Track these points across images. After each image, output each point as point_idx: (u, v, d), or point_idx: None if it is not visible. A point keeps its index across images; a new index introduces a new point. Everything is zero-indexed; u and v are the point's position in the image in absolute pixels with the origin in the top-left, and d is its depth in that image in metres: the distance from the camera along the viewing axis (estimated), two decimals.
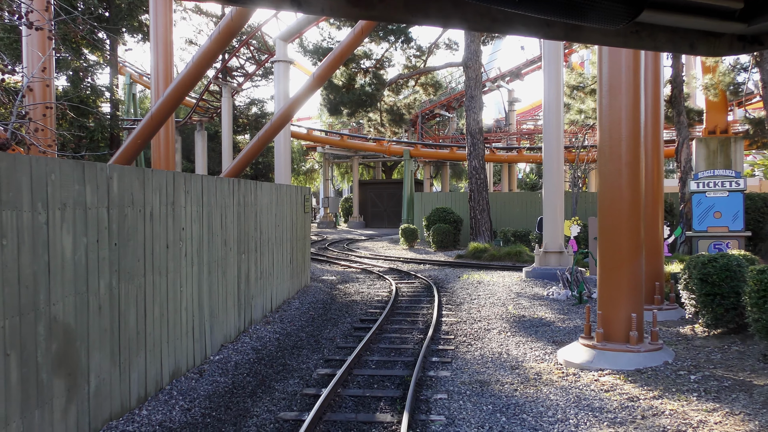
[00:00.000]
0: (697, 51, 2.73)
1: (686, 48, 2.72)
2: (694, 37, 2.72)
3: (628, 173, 7.95)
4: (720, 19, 2.48)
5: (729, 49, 2.70)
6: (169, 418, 6.34)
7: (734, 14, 2.46)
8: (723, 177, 18.42)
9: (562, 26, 2.58)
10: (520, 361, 8.22)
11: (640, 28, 2.63)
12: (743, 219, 17.65)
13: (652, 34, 2.65)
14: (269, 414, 6.50)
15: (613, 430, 5.58)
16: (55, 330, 5.23)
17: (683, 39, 2.70)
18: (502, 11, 2.43)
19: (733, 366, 7.30)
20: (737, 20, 2.46)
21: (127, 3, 27.61)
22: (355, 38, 14.54)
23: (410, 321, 11.24)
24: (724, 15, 2.46)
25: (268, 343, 9.61)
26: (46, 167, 5.14)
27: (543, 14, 2.19)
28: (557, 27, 2.58)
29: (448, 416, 6.21)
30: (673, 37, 2.68)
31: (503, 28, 2.53)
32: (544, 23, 2.55)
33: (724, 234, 18.17)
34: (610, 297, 8.02)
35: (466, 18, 2.42)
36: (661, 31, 2.64)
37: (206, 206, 8.54)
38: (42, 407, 5.03)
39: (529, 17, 2.48)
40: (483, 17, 2.45)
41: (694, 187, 17.88)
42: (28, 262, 4.88)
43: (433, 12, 2.36)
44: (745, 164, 49.56)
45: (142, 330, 6.73)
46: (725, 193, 18.40)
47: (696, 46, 2.71)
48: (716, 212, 18.44)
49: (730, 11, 2.44)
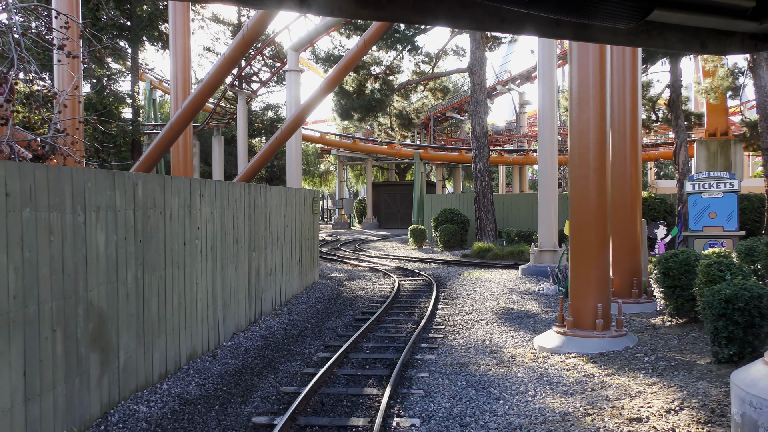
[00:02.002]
0: (708, 50, 2.68)
1: (697, 47, 2.68)
2: (705, 35, 2.67)
3: (595, 177, 8.83)
4: (731, 18, 2.44)
5: (740, 47, 2.64)
6: (186, 391, 7.36)
7: (746, 13, 2.43)
8: (718, 179, 19.04)
9: (572, 26, 2.56)
10: (500, 347, 9.14)
11: (651, 27, 2.59)
12: (737, 219, 18.29)
13: (663, 33, 2.61)
14: (272, 388, 7.50)
15: (563, 399, 6.50)
16: (91, 312, 6.27)
17: (694, 38, 2.67)
18: (512, 11, 2.41)
19: (684, 349, 8.16)
20: (749, 19, 2.43)
21: (148, 14, 28.88)
22: (359, 50, 15.54)
23: (407, 314, 12.20)
24: (736, 13, 2.43)
25: (276, 332, 10.62)
26: (84, 176, 6.19)
27: (553, 14, 2.16)
28: (566, 27, 2.56)
29: (426, 390, 7.16)
30: (684, 36, 2.64)
31: (512, 28, 2.51)
32: (553, 23, 2.54)
33: (718, 233, 18.83)
34: (580, 289, 8.91)
35: (475, 18, 2.41)
36: (672, 30, 2.61)
37: (219, 208, 9.58)
38: (81, 376, 6.07)
39: (538, 17, 2.46)
40: (492, 17, 2.43)
41: (690, 189, 18.52)
42: (70, 254, 5.93)
43: (442, 13, 2.36)
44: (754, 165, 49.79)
45: (163, 316, 7.77)
46: (720, 194, 19.02)
47: (707, 45, 2.66)
48: (711, 212, 19.07)
49: (742, 10, 2.41)
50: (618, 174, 11.66)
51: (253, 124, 37.75)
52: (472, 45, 24.78)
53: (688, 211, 19.33)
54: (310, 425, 6.21)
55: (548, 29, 2.53)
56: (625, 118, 11.66)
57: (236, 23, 35.87)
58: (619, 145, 11.71)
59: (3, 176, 5.03)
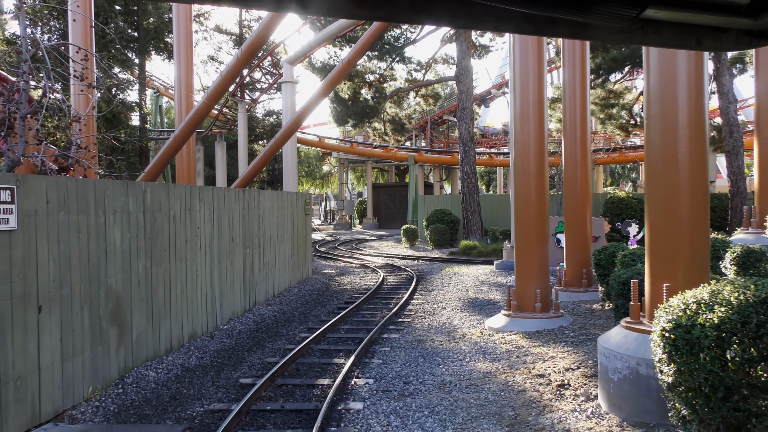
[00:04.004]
0: (703, 46, 2.70)
1: (693, 44, 2.67)
2: (701, 32, 2.71)
3: (535, 183, 10.35)
4: (726, 15, 2.48)
5: (736, 44, 2.63)
6: (187, 362, 8.93)
7: (741, 9, 2.44)
8: None
9: (568, 24, 2.59)
10: (456, 328, 10.67)
11: (646, 24, 2.60)
12: None
13: (658, 30, 2.59)
14: (258, 360, 9.05)
15: (490, 363, 8.03)
16: (110, 295, 7.84)
17: (690, 35, 2.69)
18: (508, 10, 2.48)
19: (607, 327, 9.65)
20: (744, 15, 2.45)
21: (155, 26, 30.53)
22: (343, 67, 17.08)
23: (384, 303, 13.74)
24: (731, 10, 2.45)
25: (267, 318, 12.18)
26: (104, 186, 7.76)
27: (549, 12, 2.29)
28: (563, 25, 2.59)
29: (384, 359, 8.70)
30: (680, 33, 2.66)
31: (509, 27, 2.52)
32: (549, 21, 2.58)
33: None
34: (523, 277, 10.43)
35: (473, 17, 2.44)
36: (667, 27, 2.62)
37: (216, 210, 11.15)
38: (102, 345, 7.64)
39: (535, 16, 2.51)
40: (488, 16, 2.45)
41: None
42: (94, 248, 7.50)
43: (439, 11, 2.35)
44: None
45: (168, 301, 9.34)
46: None
47: (702, 42, 2.66)
48: None
49: (737, 6, 2.43)
50: (570, 177, 13.15)
51: (254, 130, 39.42)
52: (459, 55, 26.29)
53: None
54: (285, 384, 7.77)
55: (545, 28, 2.53)
56: (575, 127, 13.13)
57: (238, 33, 37.56)
58: (570, 151, 13.19)
59: (44, 188, 6.61)
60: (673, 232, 6.00)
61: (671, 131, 5.93)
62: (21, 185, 6.22)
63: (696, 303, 4.43)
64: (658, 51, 5.92)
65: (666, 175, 6.01)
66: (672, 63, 5.92)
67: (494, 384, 7.17)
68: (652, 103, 6.05)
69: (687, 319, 4.35)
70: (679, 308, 4.49)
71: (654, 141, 6.06)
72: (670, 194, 5.98)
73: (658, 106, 6.00)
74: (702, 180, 5.99)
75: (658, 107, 6.00)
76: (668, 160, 5.98)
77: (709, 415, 4.30)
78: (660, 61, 5.99)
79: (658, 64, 6.02)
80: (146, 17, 31.04)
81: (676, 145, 5.94)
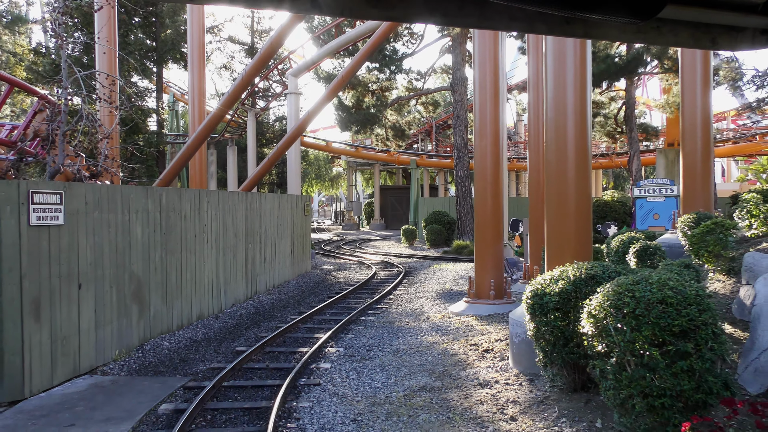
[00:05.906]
0: (718, 45, 2.72)
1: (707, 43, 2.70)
2: (716, 31, 2.69)
3: (491, 189, 12.13)
4: (742, 13, 2.46)
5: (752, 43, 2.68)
6: (195, 336, 10.83)
7: (757, 8, 2.44)
8: (660, 185, 22.09)
9: (582, 23, 2.60)
10: (424, 312, 12.47)
11: (661, 23, 2.62)
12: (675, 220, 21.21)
13: (674, 30, 2.64)
14: (253, 335, 10.93)
15: (439, 337, 9.83)
16: (133, 278, 9.76)
17: (705, 34, 2.68)
18: (522, 9, 2.44)
19: None
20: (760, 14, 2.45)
21: (171, 38, 32.65)
22: (338, 84, 18.94)
23: (370, 293, 15.57)
24: (747, 9, 2.44)
25: (265, 305, 14.06)
26: (129, 191, 9.68)
27: (564, 11, 2.20)
28: (576, 24, 2.60)
29: (356, 335, 10.53)
30: (695, 32, 2.66)
31: (523, 26, 2.54)
32: (563, 21, 2.56)
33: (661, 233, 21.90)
34: (480, 269, 12.21)
35: (486, 16, 2.45)
36: (683, 26, 2.63)
37: (221, 211, 13.05)
38: (126, 318, 9.55)
39: (548, 15, 2.48)
40: (501, 15, 2.47)
41: (637, 193, 21.54)
42: (121, 240, 9.41)
43: (453, 11, 2.39)
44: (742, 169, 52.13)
45: (180, 286, 11.25)
46: (662, 198, 22.09)
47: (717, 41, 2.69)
48: (655, 214, 22.17)
49: (753, 5, 2.42)
50: (534, 182, 14.89)
51: (264, 134, 41.48)
52: (454, 66, 28.06)
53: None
54: (273, 351, 9.64)
55: (559, 27, 2.57)
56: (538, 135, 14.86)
57: (249, 43, 39.65)
58: (534, 161, 14.94)
59: (84, 192, 8.53)
60: (564, 230, 7.79)
61: (562, 152, 7.72)
62: (67, 190, 8.15)
63: (550, 279, 6.22)
64: (553, 85, 7.69)
65: (558, 186, 7.80)
66: (562, 98, 7.71)
67: (436, 350, 8.98)
68: (548, 130, 7.84)
69: (541, 290, 6.14)
70: (539, 283, 6.27)
71: (550, 159, 7.85)
72: (561, 201, 7.77)
73: (553, 132, 7.79)
74: (585, 190, 7.77)
75: (553, 134, 7.79)
76: (560, 174, 7.77)
77: (555, 358, 6.09)
78: (554, 97, 7.78)
79: (553, 99, 7.81)
80: (164, 29, 33.20)
81: (566, 164, 7.72)
